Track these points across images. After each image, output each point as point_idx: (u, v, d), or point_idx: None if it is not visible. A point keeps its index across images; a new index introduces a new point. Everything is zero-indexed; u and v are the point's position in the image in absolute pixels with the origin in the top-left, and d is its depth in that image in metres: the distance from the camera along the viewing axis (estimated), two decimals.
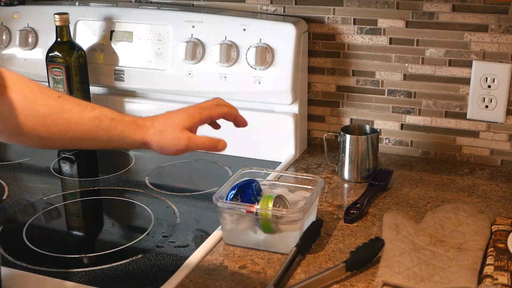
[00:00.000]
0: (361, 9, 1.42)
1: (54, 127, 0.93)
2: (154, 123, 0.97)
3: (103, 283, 0.99)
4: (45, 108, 0.93)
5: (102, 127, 0.94)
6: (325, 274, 0.96)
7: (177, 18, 1.49)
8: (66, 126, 0.93)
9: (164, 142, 0.96)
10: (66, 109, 0.93)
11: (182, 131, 0.96)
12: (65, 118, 0.93)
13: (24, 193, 1.32)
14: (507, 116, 1.38)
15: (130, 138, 0.96)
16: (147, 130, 0.96)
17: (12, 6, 1.63)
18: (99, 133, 0.94)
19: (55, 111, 0.93)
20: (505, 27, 1.33)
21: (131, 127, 0.96)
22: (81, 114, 0.94)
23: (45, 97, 0.94)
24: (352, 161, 1.33)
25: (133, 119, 0.97)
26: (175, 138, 0.96)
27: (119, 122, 0.95)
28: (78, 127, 0.93)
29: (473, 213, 1.15)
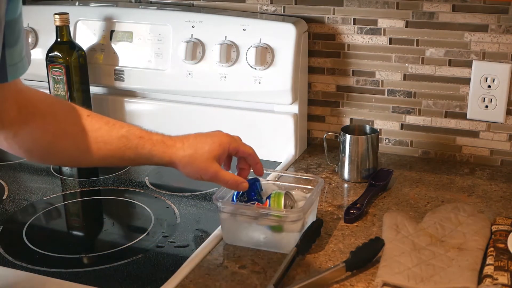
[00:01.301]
0: (361, 9, 1.42)
1: (83, 147, 0.94)
2: (185, 145, 0.98)
3: (103, 283, 0.99)
4: (75, 128, 0.94)
5: (129, 146, 0.95)
6: (325, 274, 0.96)
7: (177, 18, 1.49)
8: (95, 145, 0.94)
9: (192, 168, 0.98)
10: (95, 128, 0.94)
11: (212, 162, 0.99)
12: (94, 137, 0.94)
13: (24, 193, 1.32)
14: (507, 116, 1.38)
15: (157, 157, 0.97)
16: (177, 151, 0.97)
17: None
18: (126, 152, 0.95)
19: (85, 130, 0.94)
20: (505, 27, 1.33)
21: (159, 146, 0.97)
22: (110, 133, 0.95)
23: (76, 116, 0.95)
24: (352, 161, 1.33)
25: (162, 138, 0.98)
26: (203, 168, 0.98)
27: (147, 141, 0.96)
28: (107, 146, 0.95)
29: (473, 213, 1.15)
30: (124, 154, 0.96)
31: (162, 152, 0.97)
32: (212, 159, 0.99)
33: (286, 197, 1.07)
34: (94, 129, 0.95)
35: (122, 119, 1.58)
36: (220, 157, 1.01)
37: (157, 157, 0.97)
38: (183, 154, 0.98)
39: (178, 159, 0.97)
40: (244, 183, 1.03)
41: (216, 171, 0.99)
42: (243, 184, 1.03)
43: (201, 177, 1.00)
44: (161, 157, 0.97)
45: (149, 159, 0.97)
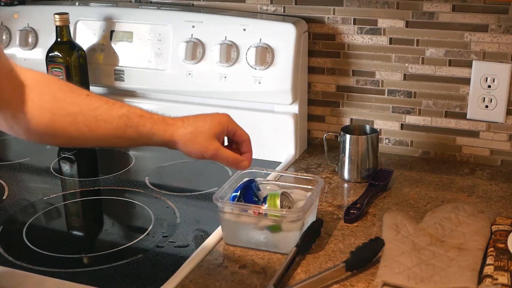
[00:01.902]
0: (361, 9, 1.42)
1: (83, 126, 0.94)
2: (185, 124, 0.98)
3: (103, 283, 0.99)
4: (75, 107, 0.94)
5: (130, 125, 0.95)
6: (325, 274, 0.96)
7: (177, 18, 1.49)
8: (95, 123, 0.94)
9: (192, 146, 0.98)
10: (95, 107, 0.95)
11: (212, 139, 0.98)
12: (94, 116, 0.94)
13: (24, 193, 1.32)
14: (507, 116, 1.38)
15: (158, 135, 0.97)
16: (177, 129, 0.97)
17: (12, 6, 1.63)
18: (127, 130, 0.95)
19: (84, 109, 0.94)
20: (505, 27, 1.33)
21: (160, 124, 0.97)
22: (110, 112, 0.95)
23: (75, 96, 0.95)
24: (352, 161, 1.33)
25: (163, 117, 0.98)
26: (204, 146, 0.98)
27: (148, 120, 0.96)
28: (107, 124, 0.95)
29: (473, 213, 1.15)
30: (124, 133, 0.96)
31: (163, 130, 0.97)
32: (213, 136, 0.99)
33: (283, 197, 1.07)
34: (94, 108, 0.95)
35: None
36: (219, 135, 1.00)
37: (157, 136, 0.97)
38: (184, 132, 0.97)
39: (179, 137, 0.97)
40: (244, 161, 1.02)
41: (216, 148, 0.99)
42: (243, 163, 1.02)
43: (202, 155, 0.99)
44: (161, 135, 0.97)
45: (149, 137, 0.97)
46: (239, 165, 1.02)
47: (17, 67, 0.94)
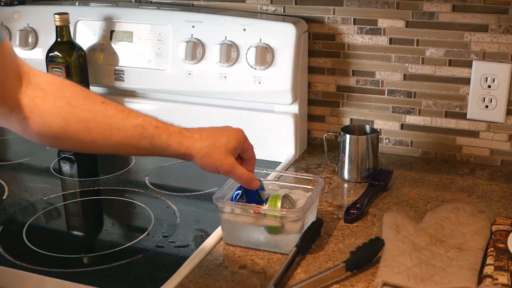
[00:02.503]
0: (361, 9, 1.42)
1: (96, 133, 0.93)
2: (203, 137, 0.98)
3: (103, 283, 0.99)
4: (88, 114, 0.93)
5: (145, 135, 0.95)
6: (325, 274, 0.97)
7: (177, 18, 1.49)
8: (109, 131, 0.94)
9: (208, 160, 0.98)
10: (109, 115, 0.94)
11: (229, 155, 0.99)
12: (108, 124, 0.94)
13: (24, 193, 1.32)
14: (507, 116, 1.38)
15: (173, 147, 0.96)
16: (195, 142, 0.97)
17: (12, 6, 1.63)
18: (142, 140, 0.95)
19: (98, 116, 0.94)
20: (505, 27, 1.33)
21: (176, 136, 0.97)
22: (125, 120, 0.94)
23: (89, 103, 0.95)
24: (352, 161, 1.33)
25: (179, 129, 0.98)
26: (219, 160, 0.98)
27: (163, 131, 0.96)
28: (121, 133, 0.94)
29: (473, 213, 1.15)
30: (139, 143, 0.95)
31: (179, 143, 0.96)
32: (229, 152, 0.99)
33: (284, 199, 1.07)
34: (108, 116, 0.94)
35: None
36: (235, 151, 1.01)
37: (172, 148, 0.96)
38: (201, 145, 0.97)
39: (196, 150, 0.97)
40: (256, 181, 1.03)
41: (232, 164, 0.99)
42: (255, 182, 1.03)
43: (217, 170, 0.99)
44: (177, 147, 0.96)
45: (164, 149, 0.96)
46: (251, 184, 1.03)
47: (31, 70, 0.94)
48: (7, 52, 0.90)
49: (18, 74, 0.92)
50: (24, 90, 0.92)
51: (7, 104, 0.92)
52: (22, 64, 0.93)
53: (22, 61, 0.94)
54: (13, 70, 0.91)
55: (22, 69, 0.93)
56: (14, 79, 0.91)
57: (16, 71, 0.92)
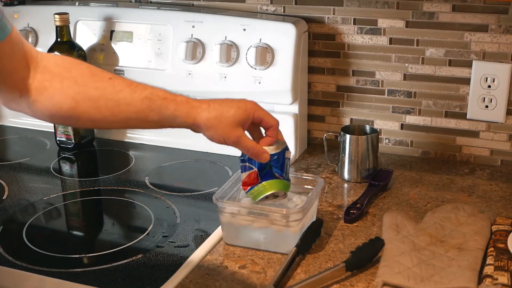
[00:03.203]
0: (361, 9, 1.42)
1: (105, 109, 0.94)
2: (210, 107, 0.96)
3: (103, 283, 0.99)
4: (96, 91, 0.94)
5: (153, 108, 0.94)
6: (325, 274, 0.97)
7: (177, 18, 1.49)
8: (117, 107, 0.94)
9: (215, 131, 0.96)
10: (116, 90, 0.94)
11: (236, 126, 0.97)
12: (116, 100, 0.94)
13: (24, 193, 1.32)
14: (507, 116, 1.38)
15: (181, 118, 0.95)
16: (202, 112, 0.96)
17: (12, 6, 1.63)
18: (150, 114, 0.94)
19: (106, 93, 0.94)
20: (505, 27, 1.33)
21: (184, 106, 0.95)
22: (132, 95, 0.94)
23: (96, 80, 0.95)
24: (352, 161, 1.33)
25: (187, 99, 0.97)
26: (226, 132, 0.96)
27: (170, 102, 0.95)
28: (130, 108, 0.94)
29: (473, 213, 1.15)
30: (147, 116, 0.95)
31: (186, 113, 0.95)
32: (237, 123, 0.97)
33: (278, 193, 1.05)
34: (116, 91, 0.94)
35: None
36: (244, 123, 0.98)
37: (180, 118, 0.95)
38: (208, 116, 0.96)
39: (203, 121, 0.96)
40: (265, 154, 1.00)
41: (239, 136, 0.97)
42: (264, 155, 1.00)
43: (224, 141, 0.97)
44: (184, 118, 0.95)
45: (173, 120, 0.95)
46: (259, 156, 1.00)
47: (39, 54, 0.96)
48: (16, 42, 0.92)
49: (26, 60, 0.93)
50: (33, 75, 0.93)
51: (17, 90, 0.93)
52: (29, 49, 0.95)
53: (29, 45, 0.95)
54: (22, 57, 0.93)
55: (29, 54, 0.94)
56: (23, 66, 0.93)
57: (24, 57, 0.93)
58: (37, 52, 0.96)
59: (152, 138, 1.56)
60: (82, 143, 1.55)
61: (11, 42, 0.90)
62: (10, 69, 0.91)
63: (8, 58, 0.90)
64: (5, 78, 0.92)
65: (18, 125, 1.70)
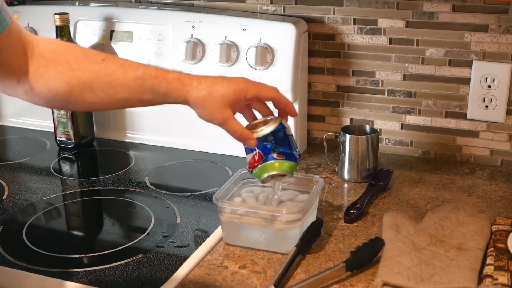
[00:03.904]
0: (361, 9, 1.42)
1: (100, 92, 0.95)
2: (200, 85, 0.96)
3: (103, 283, 0.99)
4: (91, 74, 0.95)
5: (146, 87, 0.95)
6: (325, 274, 0.97)
7: (177, 18, 1.49)
8: (112, 89, 0.95)
9: (203, 110, 0.97)
10: (109, 72, 0.95)
11: (224, 107, 0.96)
12: (110, 81, 0.95)
13: (24, 193, 1.32)
14: (507, 116, 1.38)
15: (172, 96, 0.96)
16: (191, 90, 0.96)
17: (12, 6, 1.63)
18: (144, 92, 0.96)
19: (99, 75, 0.95)
20: (505, 27, 1.33)
21: (175, 84, 0.96)
22: (125, 75, 0.95)
23: (90, 63, 0.96)
24: (352, 161, 1.33)
25: (178, 75, 0.97)
26: (213, 113, 0.96)
27: (162, 80, 0.96)
28: (124, 89, 0.95)
29: (473, 213, 1.15)
30: (141, 95, 0.96)
31: (177, 90, 0.96)
32: (225, 104, 0.96)
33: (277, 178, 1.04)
34: (109, 73, 0.95)
35: (122, 119, 1.58)
36: (234, 104, 0.97)
37: (172, 96, 0.96)
38: (196, 95, 0.96)
39: (192, 99, 0.96)
40: (251, 140, 0.99)
41: (225, 118, 0.96)
42: (250, 141, 0.99)
43: (211, 121, 0.98)
44: (176, 95, 0.96)
45: (166, 98, 0.97)
46: (245, 141, 0.99)
47: (34, 39, 0.97)
48: (14, 31, 0.93)
49: (23, 48, 0.94)
50: (29, 61, 0.95)
51: (15, 77, 0.95)
52: (26, 36, 0.96)
53: (25, 32, 0.96)
54: (19, 45, 0.94)
55: (26, 41, 0.95)
56: (20, 54, 0.94)
57: (21, 45, 0.94)
58: (33, 37, 0.97)
59: (152, 138, 1.56)
60: (82, 143, 1.56)
61: (10, 33, 0.91)
62: (8, 58, 0.93)
63: (7, 49, 0.92)
64: (3, 66, 0.93)
65: (18, 125, 1.70)
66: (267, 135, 1.00)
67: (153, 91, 0.95)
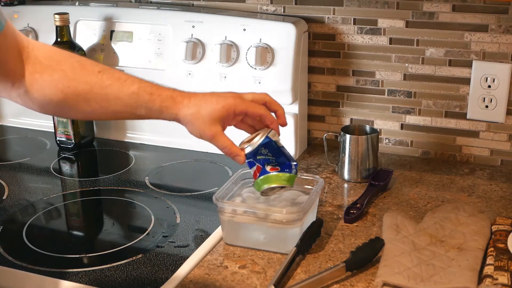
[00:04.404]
0: (361, 9, 1.42)
1: (94, 103, 0.96)
2: (190, 103, 0.98)
3: (103, 283, 0.99)
4: (86, 85, 0.96)
5: (140, 103, 0.97)
6: (325, 274, 0.97)
7: (177, 18, 1.49)
8: (106, 102, 0.96)
9: (193, 127, 0.98)
10: (105, 85, 0.96)
11: (212, 123, 0.98)
12: (105, 94, 0.96)
13: (24, 193, 1.32)
14: (507, 116, 1.38)
15: (165, 113, 0.98)
16: (182, 107, 0.98)
17: (12, 6, 1.63)
18: (138, 108, 0.97)
19: (95, 87, 0.96)
20: (505, 27, 1.33)
21: (168, 102, 0.97)
22: (121, 89, 0.96)
23: (86, 74, 0.97)
24: (352, 161, 1.33)
25: (171, 94, 0.98)
26: (202, 129, 0.98)
27: (157, 98, 0.97)
28: (118, 102, 0.96)
29: (473, 213, 1.15)
30: (135, 110, 0.97)
31: (169, 108, 0.98)
32: (214, 120, 0.97)
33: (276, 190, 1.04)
34: (105, 86, 0.96)
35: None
36: (223, 120, 0.99)
37: (165, 114, 0.98)
38: (186, 113, 0.98)
39: (182, 117, 0.98)
40: (239, 157, 1.00)
41: (214, 133, 0.98)
42: (238, 157, 1.00)
43: (201, 137, 0.99)
44: (168, 113, 0.98)
45: (159, 115, 0.98)
46: (234, 158, 1.00)
47: (30, 43, 0.97)
48: (9, 34, 0.93)
49: (18, 51, 0.95)
50: (25, 65, 0.95)
51: (9, 80, 0.95)
52: (21, 40, 0.96)
53: (21, 35, 0.96)
54: (14, 48, 0.94)
55: (21, 44, 0.95)
56: (14, 57, 0.94)
57: (16, 48, 0.94)
58: (28, 41, 0.97)
59: (152, 138, 1.56)
60: (82, 143, 1.56)
61: (5, 36, 0.91)
62: (3, 60, 0.93)
63: (2, 51, 0.92)
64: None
65: (18, 125, 1.70)
66: (258, 149, 1.01)
67: (147, 107, 0.97)
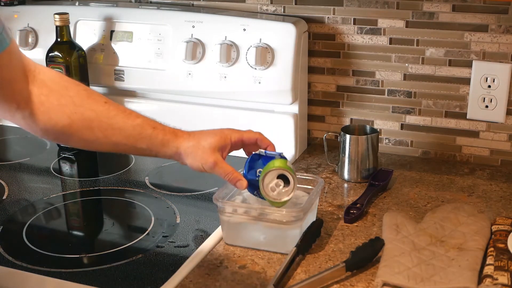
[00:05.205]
0: (361, 9, 1.42)
1: (98, 131, 0.98)
2: (190, 137, 1.02)
3: (103, 283, 0.99)
4: (92, 113, 0.98)
5: (144, 135, 1.00)
6: (325, 274, 0.97)
7: (177, 18, 1.49)
8: (111, 131, 0.99)
9: (193, 158, 1.02)
10: (111, 115, 0.99)
11: (212, 153, 1.02)
12: (110, 124, 0.99)
13: (24, 193, 1.32)
14: (507, 116, 1.38)
15: (167, 147, 1.01)
16: (183, 141, 1.02)
17: (12, 6, 1.63)
18: (140, 140, 1.00)
19: (101, 116, 0.98)
20: (505, 27, 1.33)
21: (170, 136, 1.02)
22: (126, 120, 0.99)
23: (93, 103, 0.99)
24: (352, 161, 1.33)
25: (173, 130, 1.03)
26: (203, 158, 1.02)
27: (160, 131, 1.01)
28: (122, 132, 0.99)
29: (473, 213, 1.15)
30: (137, 142, 1.00)
31: (171, 141, 1.01)
32: (213, 150, 1.02)
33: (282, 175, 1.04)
34: (111, 116, 0.99)
35: None
36: (222, 149, 1.04)
37: (166, 148, 1.01)
38: (187, 145, 1.01)
39: (183, 149, 1.01)
40: (242, 181, 1.04)
41: (215, 161, 1.02)
42: (240, 182, 1.04)
43: (203, 167, 1.03)
44: (170, 148, 1.01)
45: (159, 149, 1.01)
46: (236, 184, 1.04)
47: (37, 67, 0.98)
48: (14, 53, 0.93)
49: (24, 72, 0.95)
50: (30, 88, 0.95)
51: (14, 102, 0.95)
52: (27, 62, 0.97)
53: (27, 58, 0.97)
54: (20, 69, 0.95)
55: (28, 67, 0.96)
56: (20, 78, 0.94)
57: (22, 69, 0.95)
58: (35, 65, 0.98)
59: None
60: None
61: (10, 54, 0.92)
62: (8, 80, 0.93)
63: (6, 70, 0.92)
64: (2, 89, 0.93)
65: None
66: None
67: (149, 141, 1.00)
